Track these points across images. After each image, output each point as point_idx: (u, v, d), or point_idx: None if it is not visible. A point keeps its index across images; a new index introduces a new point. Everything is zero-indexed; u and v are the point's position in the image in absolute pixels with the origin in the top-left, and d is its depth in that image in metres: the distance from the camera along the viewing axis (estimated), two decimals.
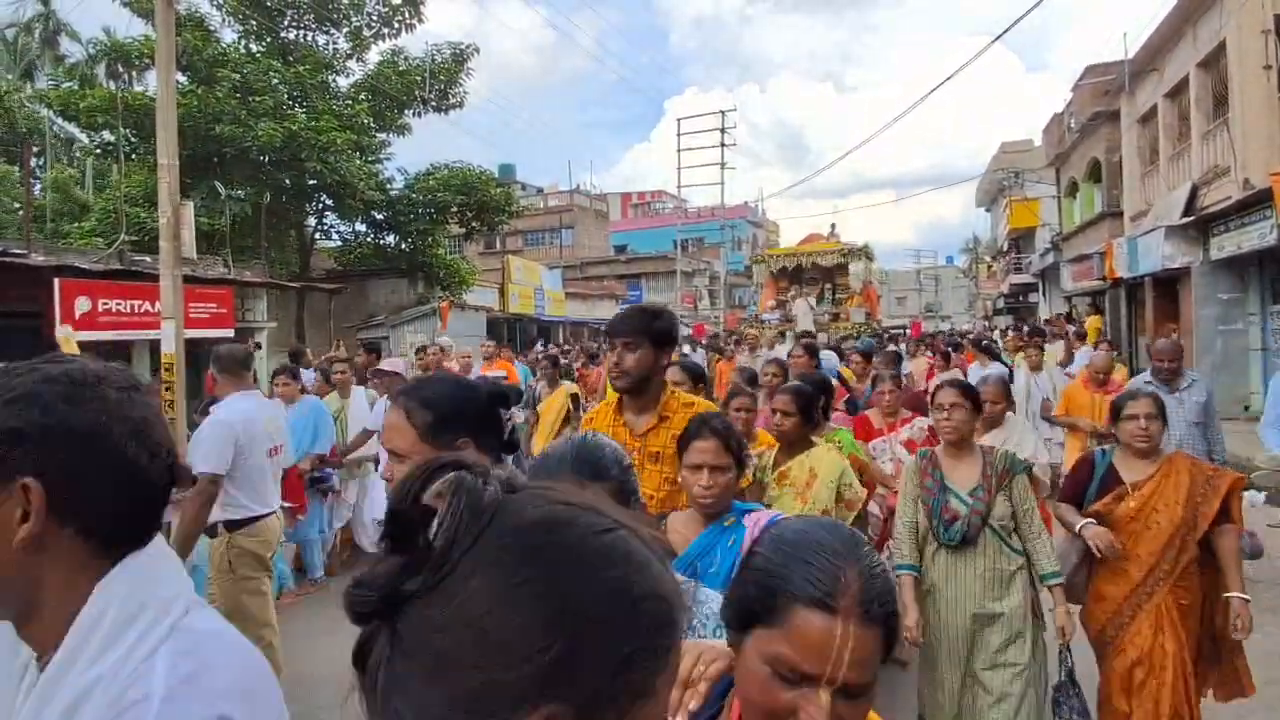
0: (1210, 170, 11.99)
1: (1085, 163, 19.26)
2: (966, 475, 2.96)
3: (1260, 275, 10.63)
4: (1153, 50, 14.10)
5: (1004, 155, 33.28)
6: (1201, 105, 12.57)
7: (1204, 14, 12.08)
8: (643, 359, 2.38)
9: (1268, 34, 10.68)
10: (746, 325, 16.39)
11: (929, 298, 63.71)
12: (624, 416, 2.48)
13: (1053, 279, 23.50)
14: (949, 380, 3.67)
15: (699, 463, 2.06)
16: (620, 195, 53.26)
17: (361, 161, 15.92)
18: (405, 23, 16.96)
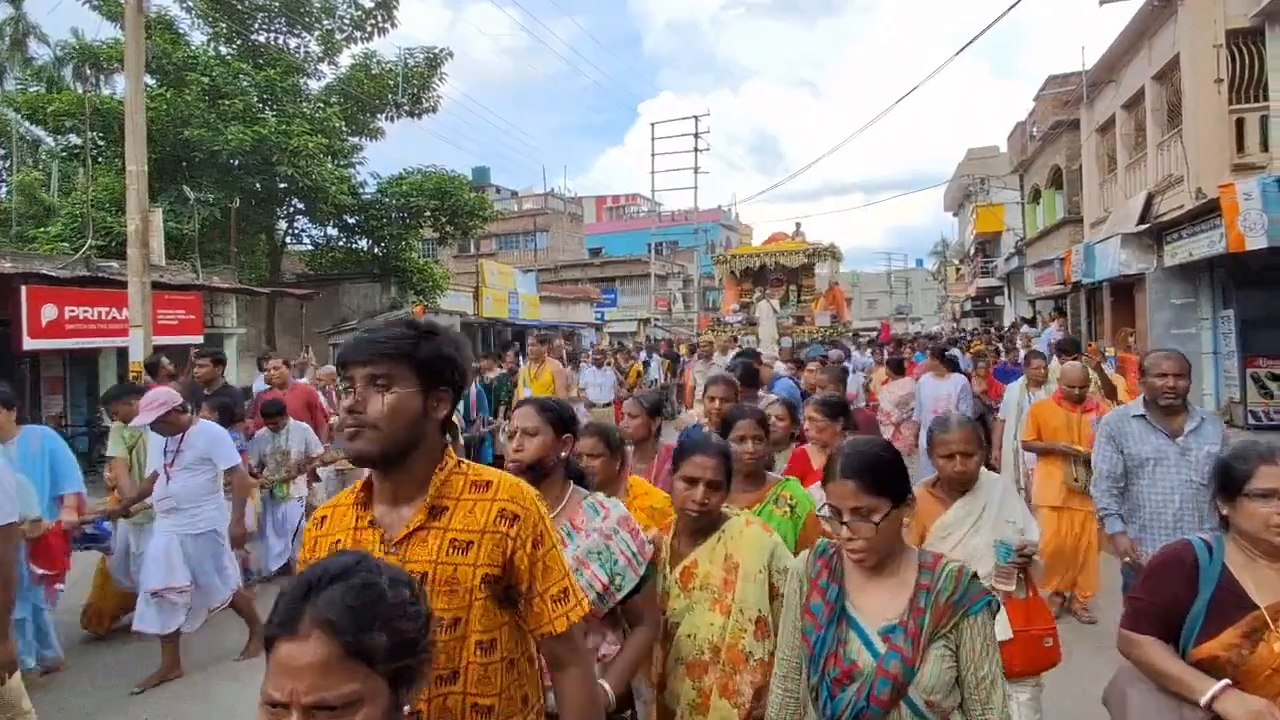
0: (1165, 179, 12.38)
1: (1047, 170, 19.74)
2: (882, 600, 1.72)
3: (1211, 281, 11.01)
4: (1110, 62, 14.53)
5: (970, 161, 33.96)
6: (1156, 116, 12.98)
7: (1160, 28, 12.48)
8: (402, 405, 1.42)
9: (1219, 48, 11.07)
10: (709, 330, 15.78)
11: (899, 300, 64.57)
12: (373, 511, 1.49)
13: (1017, 283, 24.02)
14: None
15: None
16: (595, 199, 53.35)
17: (333, 165, 15.85)
18: (377, 26, 16.94)
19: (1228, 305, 10.72)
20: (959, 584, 1.70)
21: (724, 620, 2.14)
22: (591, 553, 1.98)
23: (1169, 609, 1.88)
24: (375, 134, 17.53)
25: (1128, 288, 13.34)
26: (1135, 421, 3.50)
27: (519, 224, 39.31)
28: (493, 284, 23.14)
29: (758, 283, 15.73)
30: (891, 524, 1.71)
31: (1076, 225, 17.12)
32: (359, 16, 16.74)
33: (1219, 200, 8.93)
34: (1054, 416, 4.90)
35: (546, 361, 8.00)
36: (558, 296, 30.55)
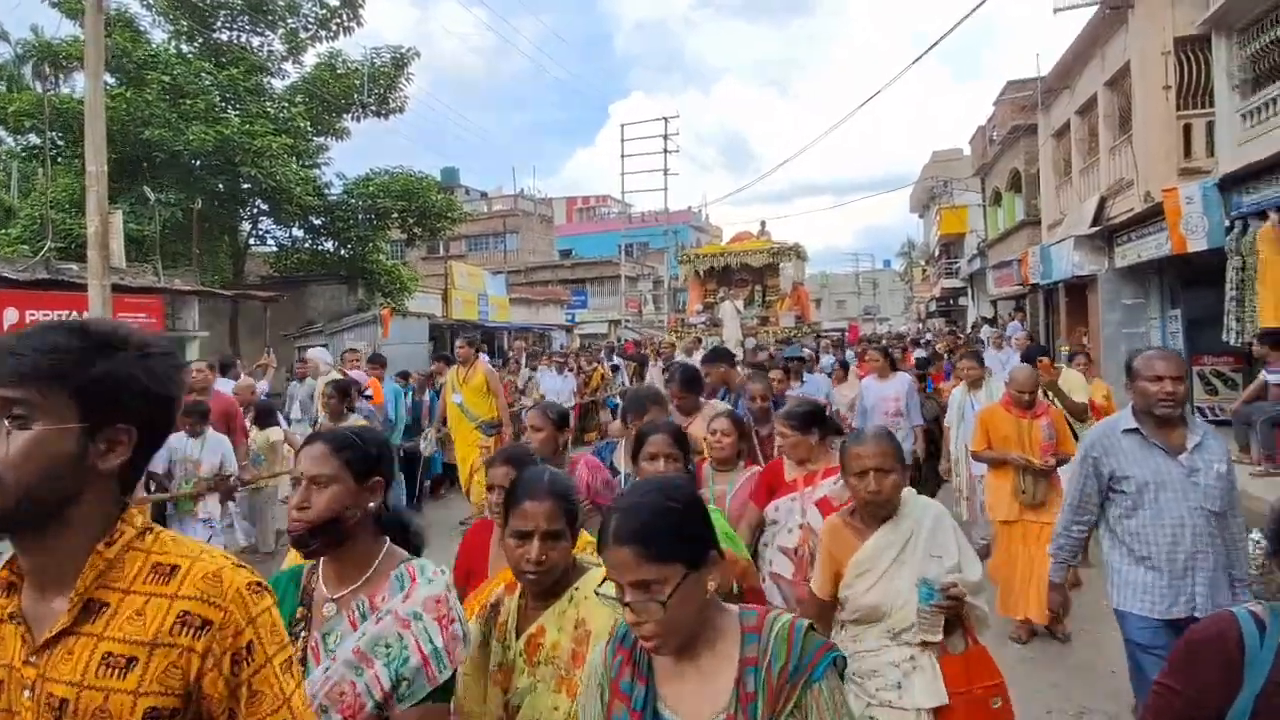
0: (1116, 183, 12.78)
1: (1007, 173, 20.22)
2: (701, 690, 1.36)
3: (1159, 282, 11.40)
4: (1065, 69, 14.95)
5: (935, 163, 34.59)
6: (1109, 122, 13.39)
7: (1111, 36, 12.88)
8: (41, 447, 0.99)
9: (1167, 55, 11.46)
10: (673, 331, 15.34)
11: (867, 301, 65.41)
12: (19, 598, 1.07)
13: (980, 284, 24.54)
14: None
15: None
16: (565, 200, 53.33)
17: (298, 166, 15.70)
18: (343, 25, 16.80)
19: (1175, 305, 11.11)
20: (792, 645, 1.33)
21: (569, 705, 1.68)
22: (379, 644, 1.47)
23: (1204, 704, 1.45)
24: (341, 134, 17.39)
25: (1081, 288, 13.74)
26: (1127, 438, 2.81)
27: (488, 225, 39.18)
28: (462, 286, 23.06)
29: (722, 283, 15.45)
30: (688, 595, 1.31)
31: (1035, 227, 17.57)
32: (324, 15, 16.60)
33: (1163, 204, 9.26)
34: (1003, 423, 4.60)
35: (478, 363, 7.43)
36: (528, 298, 30.52)
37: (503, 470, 2.22)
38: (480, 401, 7.29)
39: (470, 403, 7.27)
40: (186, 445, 5.42)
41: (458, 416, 7.37)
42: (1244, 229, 7.77)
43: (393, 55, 17.24)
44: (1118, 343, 11.43)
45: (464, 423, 7.32)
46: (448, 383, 7.56)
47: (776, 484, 3.28)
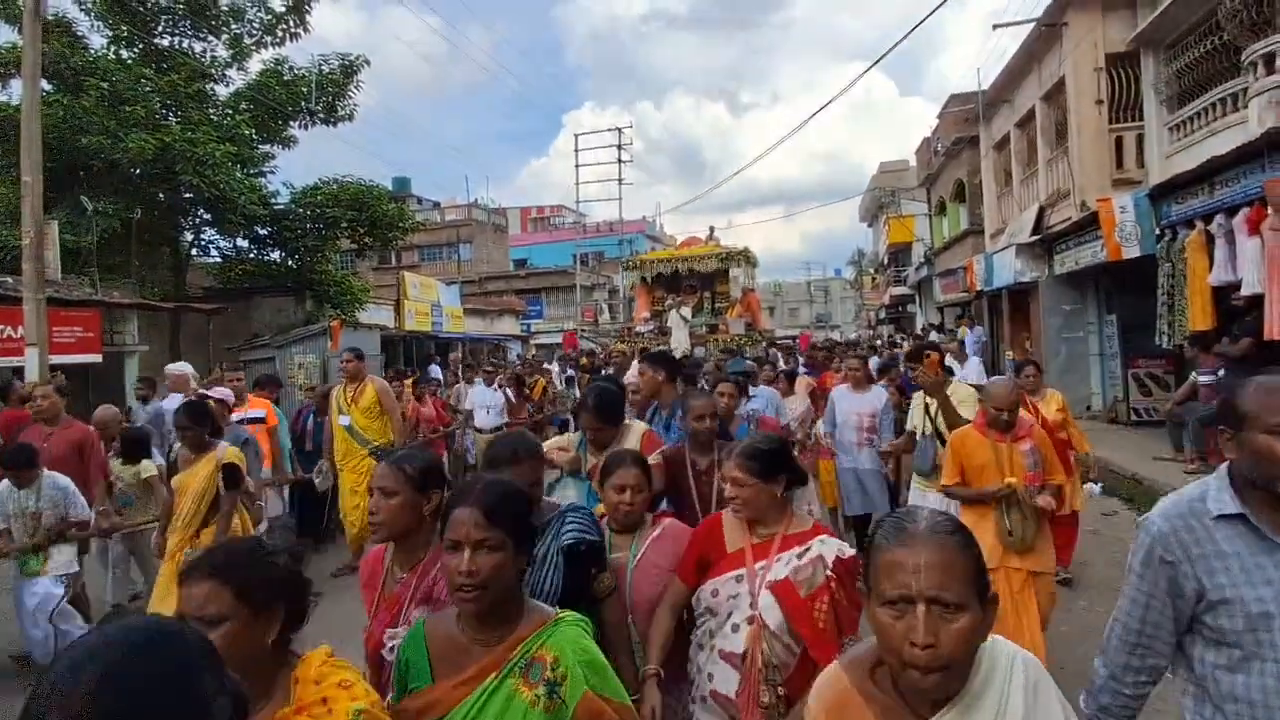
0: (1054, 193, 13.27)
1: (951, 184, 20.81)
2: None
3: (1096, 289, 11.87)
4: (1004, 83, 15.49)
5: (883, 174, 35.44)
6: (1046, 134, 13.91)
7: (1047, 52, 13.39)
8: None
9: (1099, 71, 11.97)
10: (620, 341, 14.66)
11: (819, 309, 66.45)
12: None
13: (927, 291, 25.17)
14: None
15: None
16: (519, 209, 53.09)
17: (243, 174, 15.34)
18: (289, 31, 16.50)
19: (1110, 310, 11.57)
20: None
21: None
22: None
23: None
24: (288, 142, 17.03)
25: (1024, 295, 14.21)
26: (1225, 529, 1.61)
27: (442, 235, 38.77)
28: (415, 297, 22.73)
29: (671, 290, 14.68)
30: None
31: (978, 236, 18.12)
32: (269, 21, 16.28)
33: (1098, 213, 9.65)
34: (978, 450, 3.70)
35: (368, 380, 6.49)
36: (482, 309, 30.25)
37: None
38: (372, 423, 6.41)
39: (360, 425, 6.37)
40: (16, 497, 4.56)
41: (345, 441, 6.42)
42: (1174, 237, 8.14)
43: (341, 62, 16.98)
44: (1059, 346, 11.86)
45: (353, 448, 6.37)
46: (333, 403, 6.55)
47: (713, 552, 2.34)
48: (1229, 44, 10.11)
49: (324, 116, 17.00)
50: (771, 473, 2.27)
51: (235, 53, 16.29)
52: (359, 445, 6.33)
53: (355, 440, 6.35)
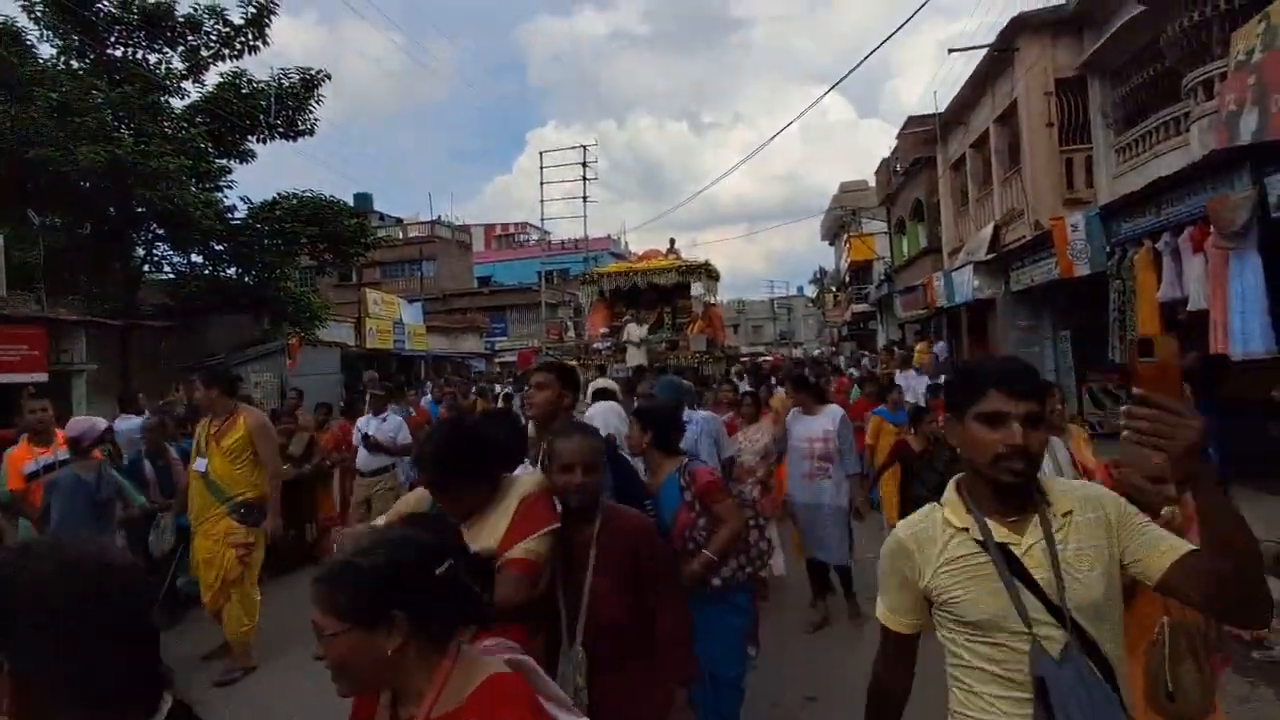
0: (1008, 213, 13.61)
1: (910, 203, 21.25)
2: None
3: (1051, 306, 12.15)
4: (960, 106, 15.89)
5: (844, 194, 36.08)
6: (1000, 156, 14.28)
7: (1000, 76, 13.78)
8: None
9: (1049, 95, 12.34)
10: (577, 358, 13.63)
11: (783, 326, 67.16)
12: None
13: (888, 308, 25.58)
14: None
15: None
16: (484, 227, 52.85)
17: (198, 188, 15.03)
18: (248, 44, 16.27)
19: (1065, 326, 11.84)
20: None
21: None
22: None
23: None
24: (245, 156, 16.75)
25: (982, 311, 14.51)
26: None
27: (405, 252, 38.40)
28: (376, 313, 22.44)
29: (630, 304, 14.03)
30: None
31: (937, 254, 18.49)
32: (227, 33, 16.03)
33: (1052, 232, 9.91)
34: None
35: (239, 412, 4.93)
36: (445, 326, 29.97)
37: None
38: (237, 470, 4.80)
39: (220, 473, 4.78)
40: None
41: (201, 493, 4.84)
42: (1123, 255, 8.37)
43: (302, 76, 16.81)
44: None
45: (209, 503, 4.82)
46: (197, 440, 4.98)
47: None
48: (1171, 71, 10.52)
49: (283, 130, 16.78)
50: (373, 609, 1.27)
51: (191, 65, 16.01)
52: (215, 499, 4.80)
53: (211, 493, 4.80)
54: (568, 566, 2.29)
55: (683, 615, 2.33)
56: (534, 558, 2.11)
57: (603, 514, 2.33)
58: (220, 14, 15.86)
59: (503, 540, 2.12)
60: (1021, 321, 12.50)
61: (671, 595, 2.33)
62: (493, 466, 2.29)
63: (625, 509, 2.45)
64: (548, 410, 3.15)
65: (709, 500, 3.12)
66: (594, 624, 2.22)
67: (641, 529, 2.37)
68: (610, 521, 2.31)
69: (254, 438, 4.83)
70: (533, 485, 2.30)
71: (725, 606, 3.20)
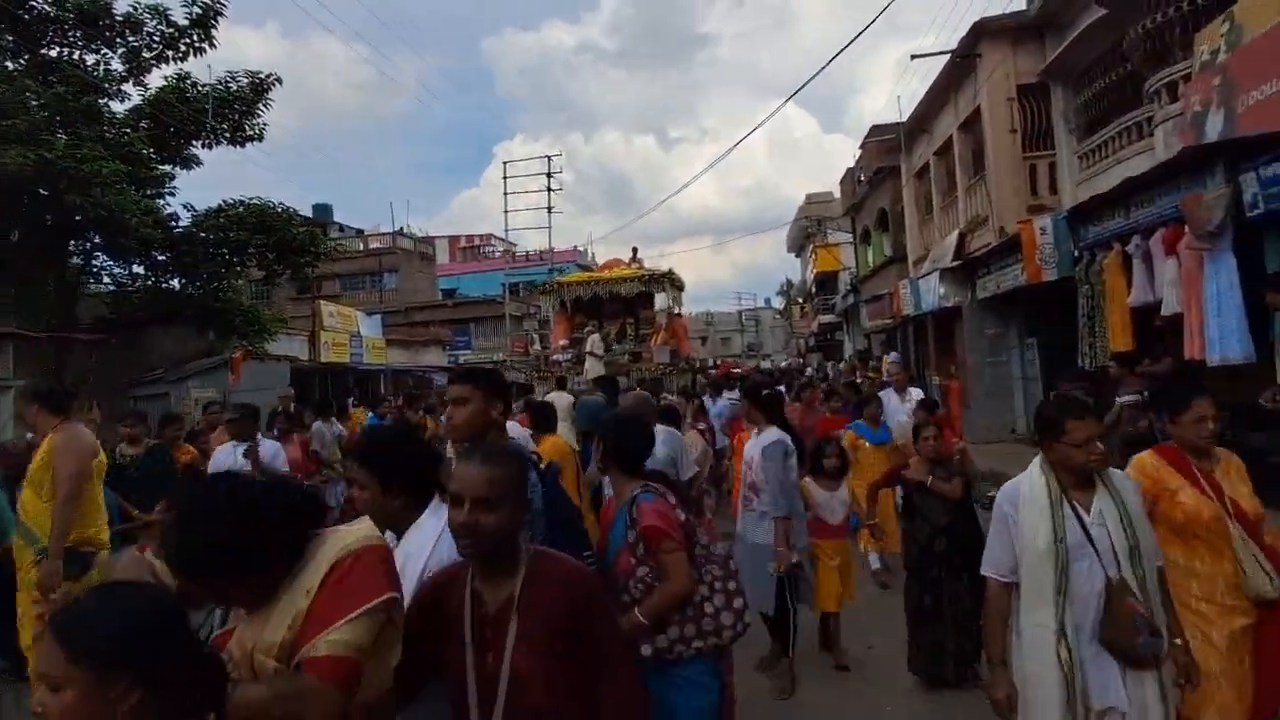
0: (973, 220, 13.49)
1: (875, 212, 21.19)
2: None
3: (1018, 313, 12.00)
4: (923, 114, 15.82)
5: (810, 204, 36.18)
6: (964, 162, 14.19)
7: (962, 83, 13.71)
8: None
9: (1012, 101, 12.26)
10: (535, 371, 13.44)
11: (750, 338, 67.23)
12: None
13: (854, 318, 25.51)
14: None
15: None
16: (448, 239, 52.14)
17: (138, 195, 14.29)
18: (193, 46, 15.57)
19: (1032, 334, 11.69)
20: None
21: None
22: None
23: None
24: (189, 162, 16.03)
25: (949, 320, 14.36)
26: None
27: (365, 264, 37.58)
28: (331, 326, 21.70)
29: (592, 315, 13.71)
30: None
31: (902, 263, 18.40)
32: (170, 34, 15.32)
33: (1020, 236, 9.73)
34: None
35: (62, 430, 4.06)
36: (406, 339, 29.24)
37: None
38: (43, 505, 3.96)
39: (29, 510, 4.01)
40: None
41: (20, 537, 4.11)
42: (1091, 259, 8.18)
43: (251, 80, 16.16)
44: (983, 370, 11.91)
45: (22, 549, 4.06)
46: None
47: None
48: (1133, 75, 10.46)
49: (230, 135, 16.11)
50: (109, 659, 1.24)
51: (131, 66, 15.28)
52: (29, 544, 3.98)
53: (23, 536, 4.02)
54: (480, 637, 1.74)
55: (634, 697, 1.83)
56: (346, 653, 1.48)
57: (528, 564, 1.79)
58: (163, 14, 15.17)
59: (301, 628, 1.50)
60: (989, 329, 12.33)
61: (620, 670, 1.82)
62: (281, 547, 1.58)
63: (559, 557, 1.91)
64: (471, 428, 2.62)
65: (652, 547, 2.51)
66: (514, 713, 1.71)
67: (580, 582, 1.85)
68: (538, 575, 1.77)
69: (54, 462, 3.87)
70: (353, 542, 1.61)
71: (681, 682, 2.55)
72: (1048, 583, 2.35)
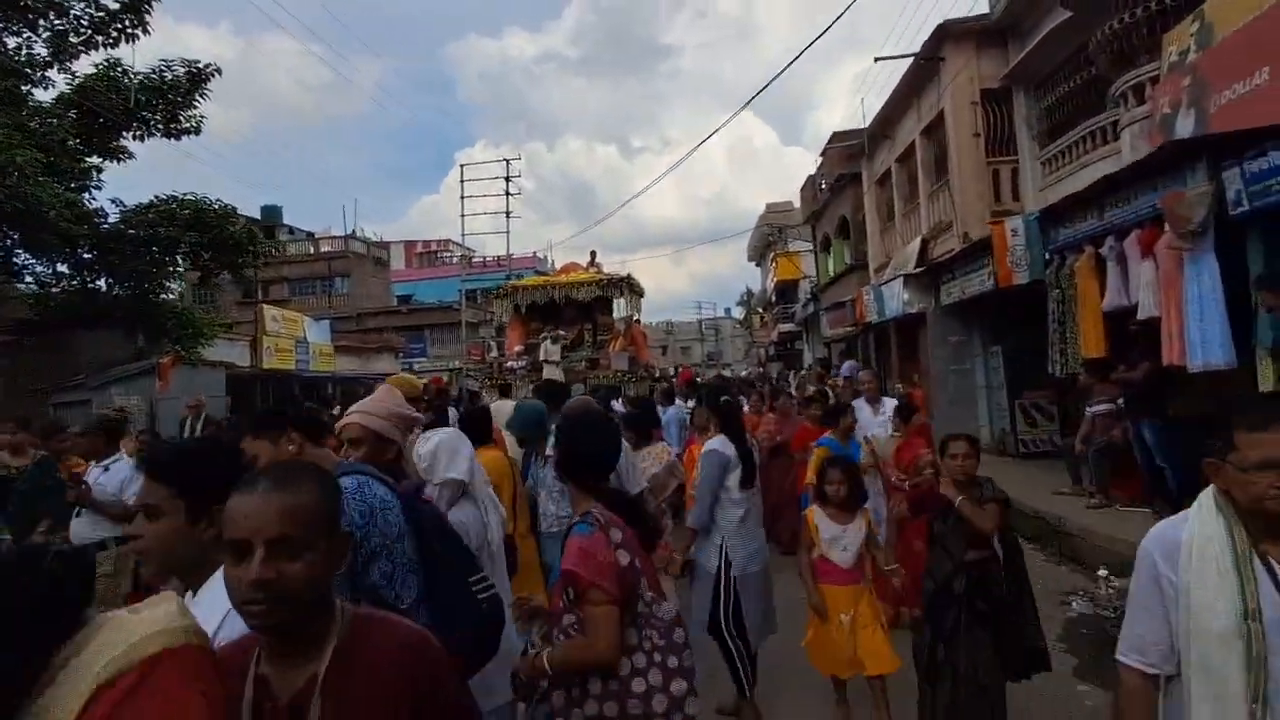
0: (936, 225, 13.30)
1: (836, 219, 21.03)
2: None
3: (982, 320, 11.78)
4: (885, 119, 15.64)
5: (771, 213, 36.13)
6: (926, 168, 14.01)
7: (925, 87, 13.54)
8: None
9: (976, 105, 12.10)
10: (486, 379, 12.86)
11: (710, 347, 67.22)
12: None
13: (814, 327, 25.35)
14: None
15: None
16: (404, 244, 50.99)
17: (60, 187, 13.34)
18: (125, 31, 14.70)
19: (996, 342, 11.47)
20: None
21: None
22: None
23: None
24: (118, 154, 15.09)
25: (912, 327, 14.13)
26: None
27: (316, 268, 36.40)
28: (275, 331, 20.76)
29: (549, 320, 13.10)
30: None
31: (863, 270, 18.21)
32: (100, 19, 14.44)
33: (990, 238, 9.48)
34: None
35: None
36: (357, 346, 28.28)
37: None
38: None
39: None
40: None
41: None
42: (1061, 262, 7.93)
43: (188, 69, 15.31)
44: (946, 378, 11.66)
45: None
46: None
47: None
48: (1096, 80, 10.34)
49: (164, 128, 15.23)
50: None
51: (56, 51, 14.32)
52: None
53: None
54: None
55: None
56: None
57: (341, 633, 1.26)
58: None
59: None
60: (952, 337, 12.09)
61: None
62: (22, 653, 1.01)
63: (387, 619, 1.38)
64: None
65: (578, 594, 2.03)
66: None
67: (413, 649, 1.32)
68: (354, 647, 1.26)
69: None
70: (145, 641, 1.05)
71: None
72: (1233, 680, 1.54)
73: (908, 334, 14.50)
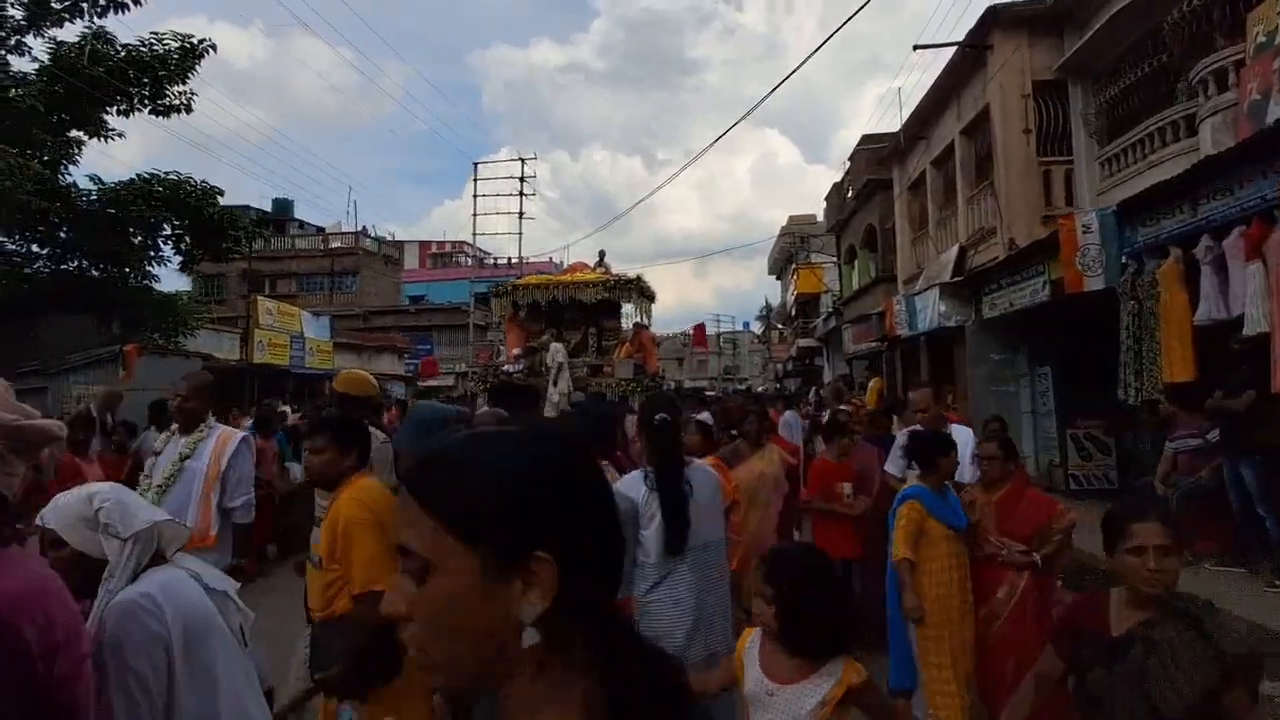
0: (976, 232, 12.07)
1: (862, 230, 19.80)
2: None
3: (1028, 336, 10.50)
4: (920, 119, 14.45)
5: (793, 224, 35.06)
6: (966, 170, 12.79)
7: (968, 82, 12.35)
8: None
9: (1027, 98, 10.90)
10: (479, 379, 11.94)
11: (728, 361, 66.04)
12: None
13: (835, 343, 24.07)
14: None
15: None
16: (418, 244, 50.30)
17: (38, 164, 12.47)
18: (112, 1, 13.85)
19: (1043, 362, 10.20)
20: None
21: None
22: None
23: None
24: (100, 130, 14.20)
25: (946, 342, 12.86)
26: None
27: (325, 264, 35.61)
28: (269, 325, 19.83)
29: (551, 323, 11.96)
30: None
31: (890, 284, 16.97)
32: None
33: (1042, 242, 8.24)
34: None
35: None
36: (358, 344, 27.33)
37: None
38: None
39: None
40: None
41: None
42: (1139, 268, 6.67)
43: (181, 43, 14.43)
44: (987, 400, 10.36)
45: None
46: None
47: None
48: (1165, 70, 9.14)
49: (151, 104, 14.33)
50: None
51: (32, 16, 13.46)
52: None
53: None
54: None
55: None
56: None
57: None
58: None
59: None
60: (994, 355, 10.79)
61: None
62: None
63: None
64: None
65: None
66: None
67: None
68: None
69: None
70: None
71: None
72: None
73: (941, 350, 13.20)
